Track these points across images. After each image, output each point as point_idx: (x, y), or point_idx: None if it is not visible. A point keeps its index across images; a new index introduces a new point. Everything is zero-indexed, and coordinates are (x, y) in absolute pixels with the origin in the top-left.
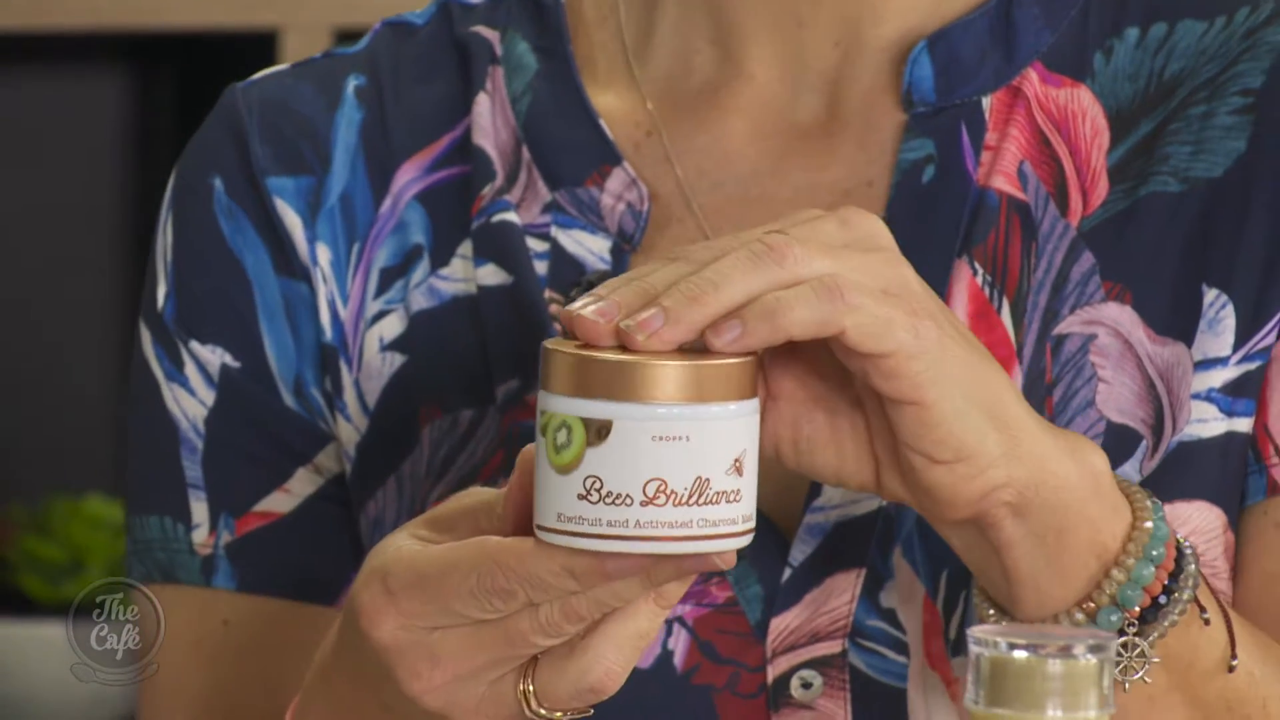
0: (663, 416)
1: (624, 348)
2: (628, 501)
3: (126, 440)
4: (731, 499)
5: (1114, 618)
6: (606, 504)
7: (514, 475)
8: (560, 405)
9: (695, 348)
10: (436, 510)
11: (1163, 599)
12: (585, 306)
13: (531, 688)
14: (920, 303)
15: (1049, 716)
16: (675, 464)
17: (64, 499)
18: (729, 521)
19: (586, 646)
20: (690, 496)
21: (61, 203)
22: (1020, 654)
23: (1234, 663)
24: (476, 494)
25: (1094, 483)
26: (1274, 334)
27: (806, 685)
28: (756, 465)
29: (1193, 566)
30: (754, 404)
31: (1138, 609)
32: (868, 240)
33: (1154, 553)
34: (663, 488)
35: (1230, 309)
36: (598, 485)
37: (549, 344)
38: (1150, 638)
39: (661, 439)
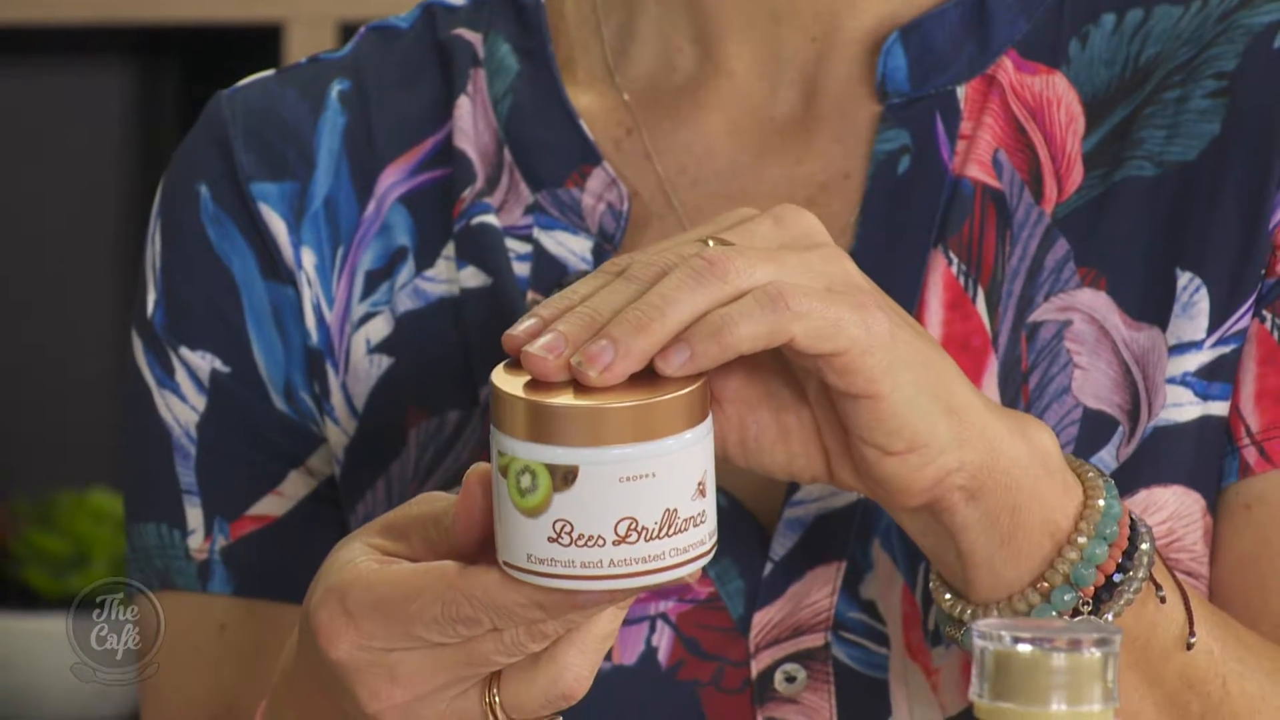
0: (628, 457)
1: (575, 382)
2: (600, 543)
3: (121, 448)
4: (698, 522)
5: (1068, 597)
6: (579, 546)
7: (461, 497)
8: (521, 450)
9: (644, 371)
10: (389, 516)
11: (1117, 577)
12: (533, 340)
13: (498, 699)
14: (866, 295)
15: (1053, 710)
16: (644, 500)
17: (68, 492)
18: (698, 544)
19: (553, 656)
20: (661, 529)
21: (66, 196)
22: (1025, 648)
23: (1192, 640)
24: (428, 501)
25: (1044, 462)
26: (1248, 317)
27: (790, 679)
28: (714, 477)
29: (1146, 545)
30: (709, 422)
31: (1092, 588)
32: (804, 238)
33: (1107, 531)
34: (634, 525)
35: (1204, 292)
36: (568, 529)
37: (498, 382)
38: (1106, 617)
39: (629, 479)
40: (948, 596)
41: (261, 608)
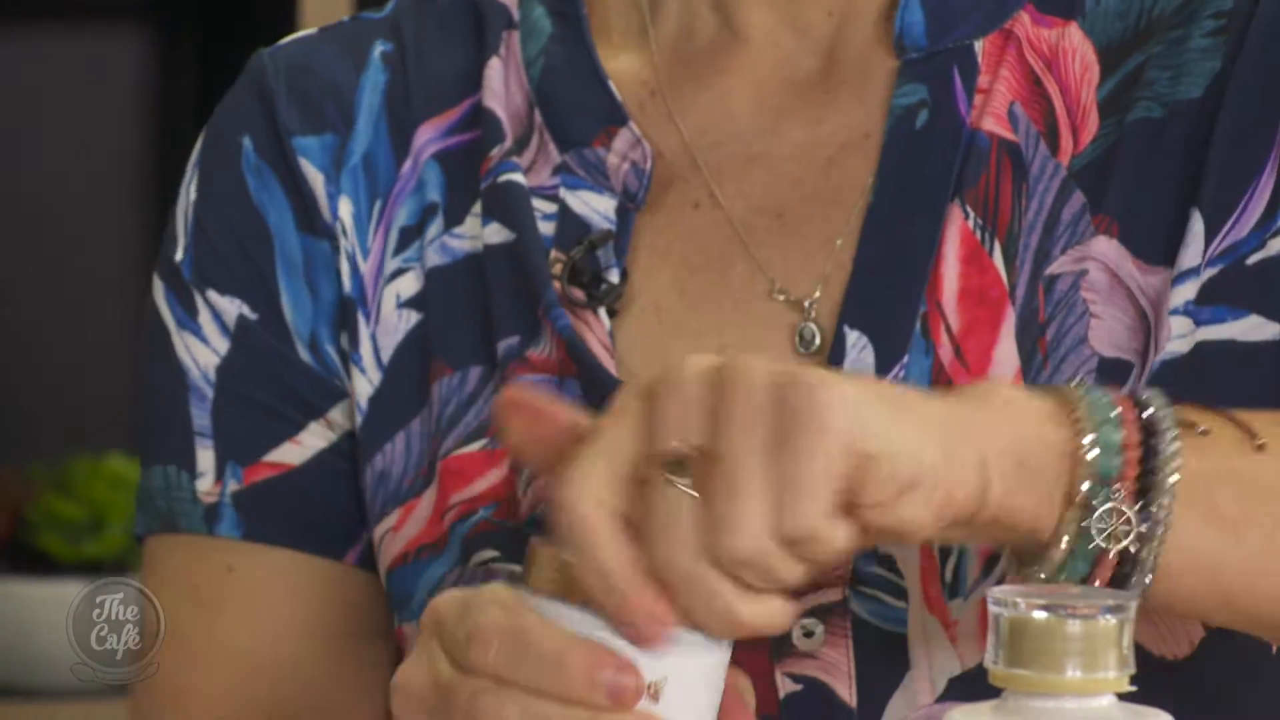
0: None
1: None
2: None
3: (138, 396)
4: None
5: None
6: None
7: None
8: None
9: None
10: None
11: (1154, 440)
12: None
13: None
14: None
15: (1068, 677)
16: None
17: (85, 458)
18: None
19: None
20: None
21: (83, 163)
22: (1040, 615)
23: (1260, 442)
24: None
25: (1018, 413)
26: (1231, 236)
27: (809, 634)
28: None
29: (1157, 409)
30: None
31: (1123, 479)
32: (796, 418)
33: (1111, 415)
34: None
35: (1198, 217)
36: None
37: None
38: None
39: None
40: (1033, 569)
41: (270, 553)
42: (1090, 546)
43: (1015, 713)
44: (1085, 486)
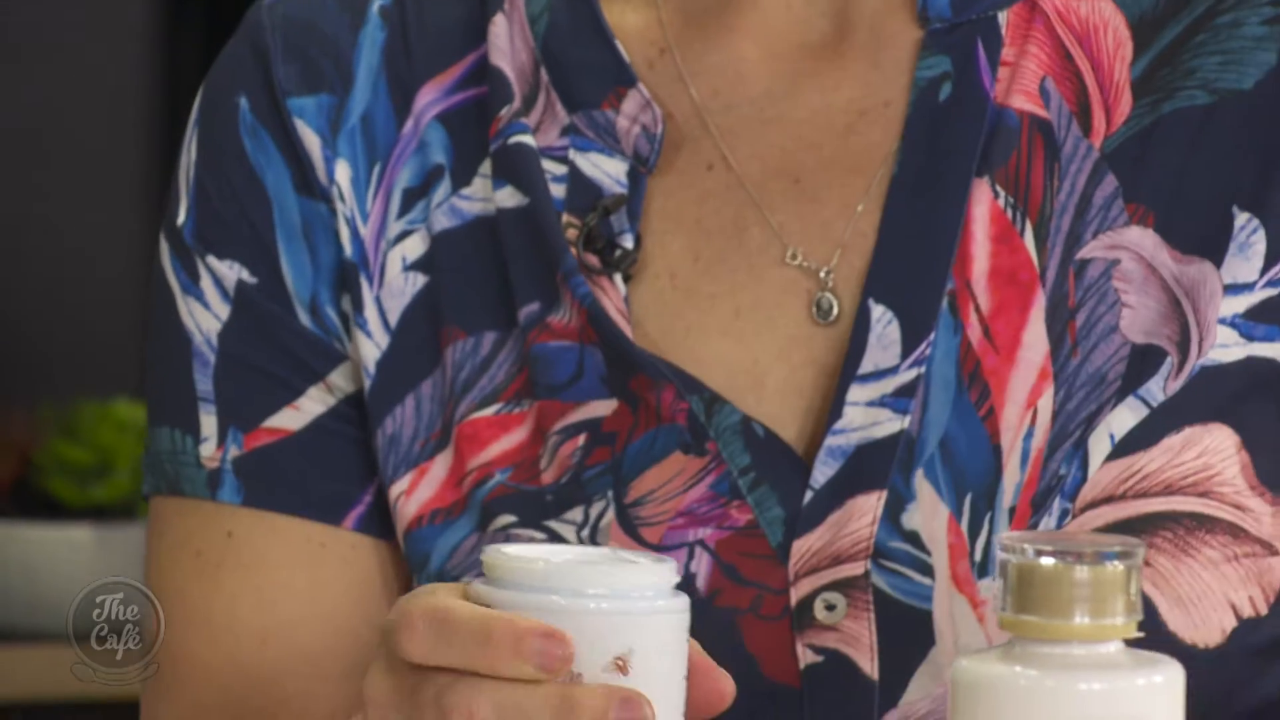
0: None
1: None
2: None
3: (147, 351)
4: None
5: None
6: None
7: None
8: None
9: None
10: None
11: None
12: None
13: None
14: None
15: (1076, 624)
16: None
17: (92, 402)
18: None
19: None
20: None
21: (92, 108)
22: (1047, 561)
23: None
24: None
25: None
26: None
27: (830, 607)
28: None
29: None
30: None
31: None
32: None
33: None
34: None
35: (1261, 234)
36: None
37: None
38: None
39: None
40: None
41: (268, 518)
42: None
43: (1023, 659)
44: None
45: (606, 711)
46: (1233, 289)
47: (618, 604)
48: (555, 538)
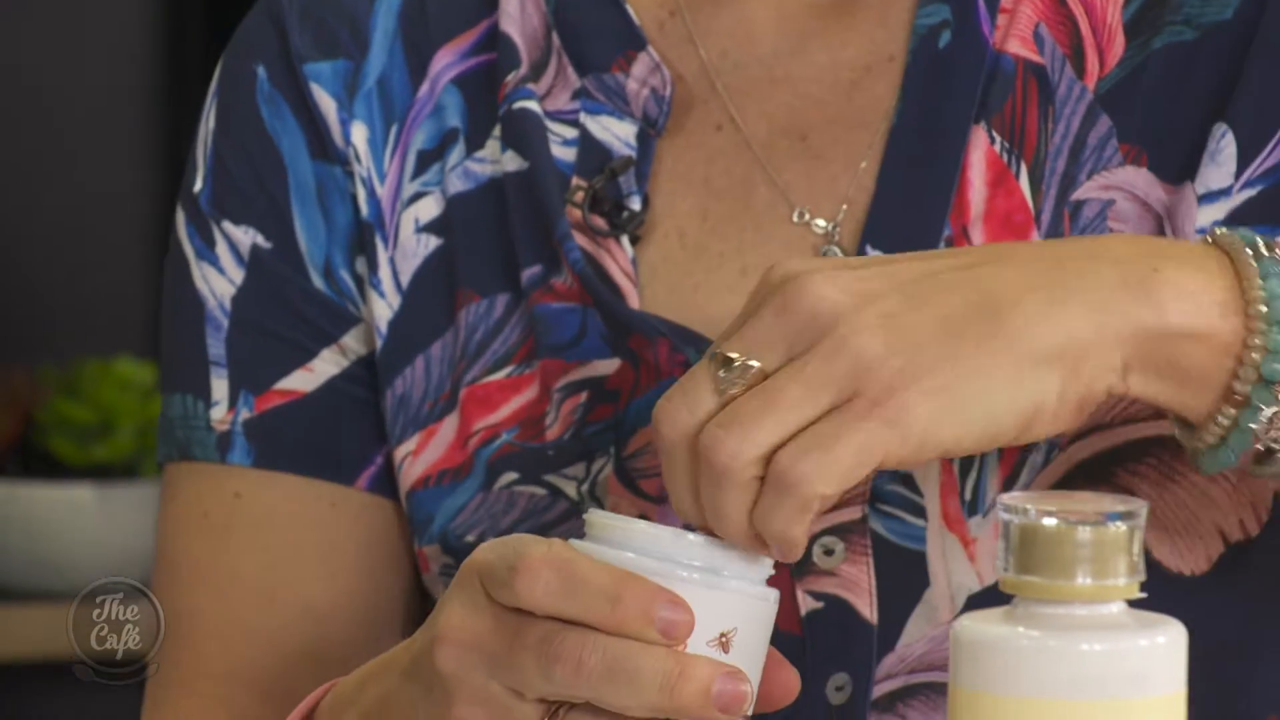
0: None
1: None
2: None
3: (160, 325)
4: None
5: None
6: None
7: None
8: None
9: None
10: None
11: None
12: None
13: None
14: (871, 382)
15: (1078, 584)
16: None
17: (94, 361)
18: None
19: None
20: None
21: (96, 64)
22: (1049, 521)
23: None
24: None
25: (1187, 308)
26: (1273, 158)
27: (829, 552)
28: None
29: None
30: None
31: None
32: (810, 326)
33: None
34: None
35: (1230, 138)
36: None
37: None
38: None
39: None
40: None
41: (280, 479)
42: (1245, 440)
43: (1025, 619)
44: (1250, 390)
45: (711, 683)
46: (1208, 197)
47: (732, 583)
48: (555, 492)
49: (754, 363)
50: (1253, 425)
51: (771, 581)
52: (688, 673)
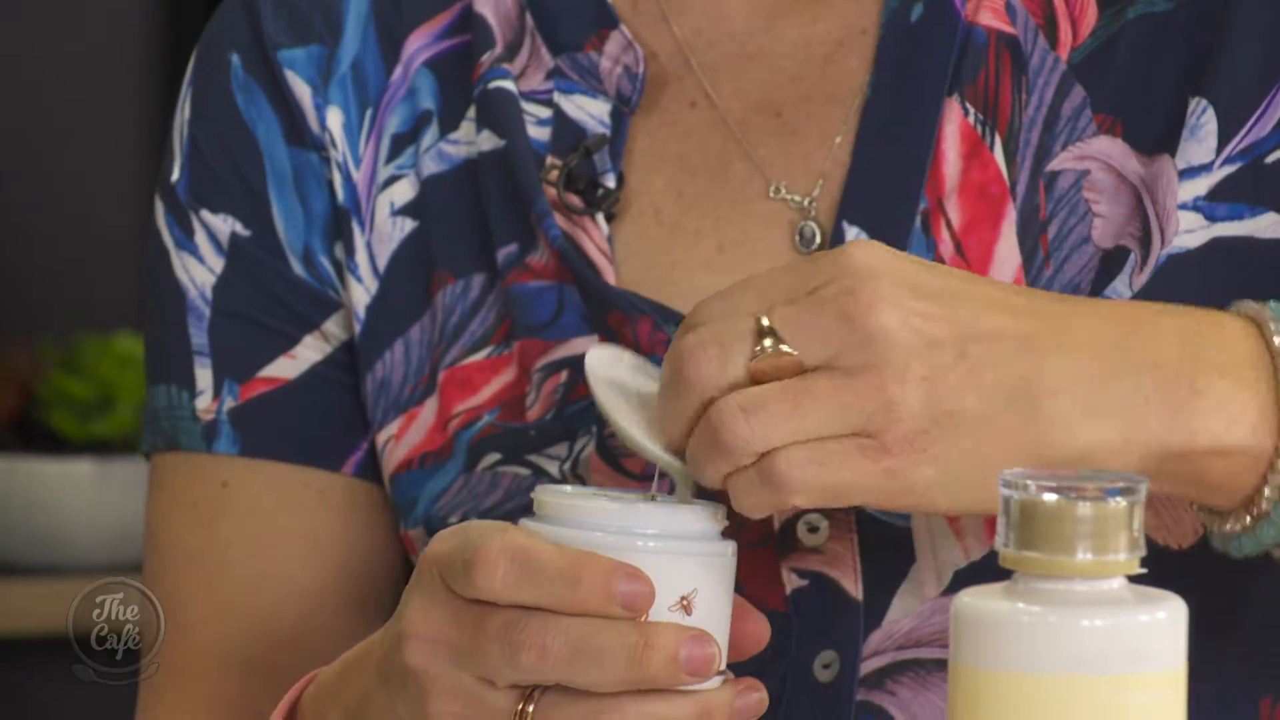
0: None
1: None
2: None
3: (143, 311)
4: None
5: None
6: None
7: None
8: None
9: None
10: None
11: None
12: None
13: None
14: (904, 424)
15: (1079, 560)
16: None
17: (94, 336)
18: None
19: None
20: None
21: (93, 39)
22: (1050, 497)
23: None
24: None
25: (1229, 416)
26: (1253, 134)
27: (814, 529)
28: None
29: None
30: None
31: None
32: (863, 341)
33: None
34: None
35: (1210, 113)
36: None
37: None
38: None
39: None
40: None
41: (266, 467)
42: (1258, 545)
43: (1025, 595)
44: (1273, 507)
45: (678, 648)
46: (1189, 172)
47: (685, 545)
48: (539, 472)
49: (793, 352)
50: (1272, 533)
51: (757, 559)
52: (653, 643)
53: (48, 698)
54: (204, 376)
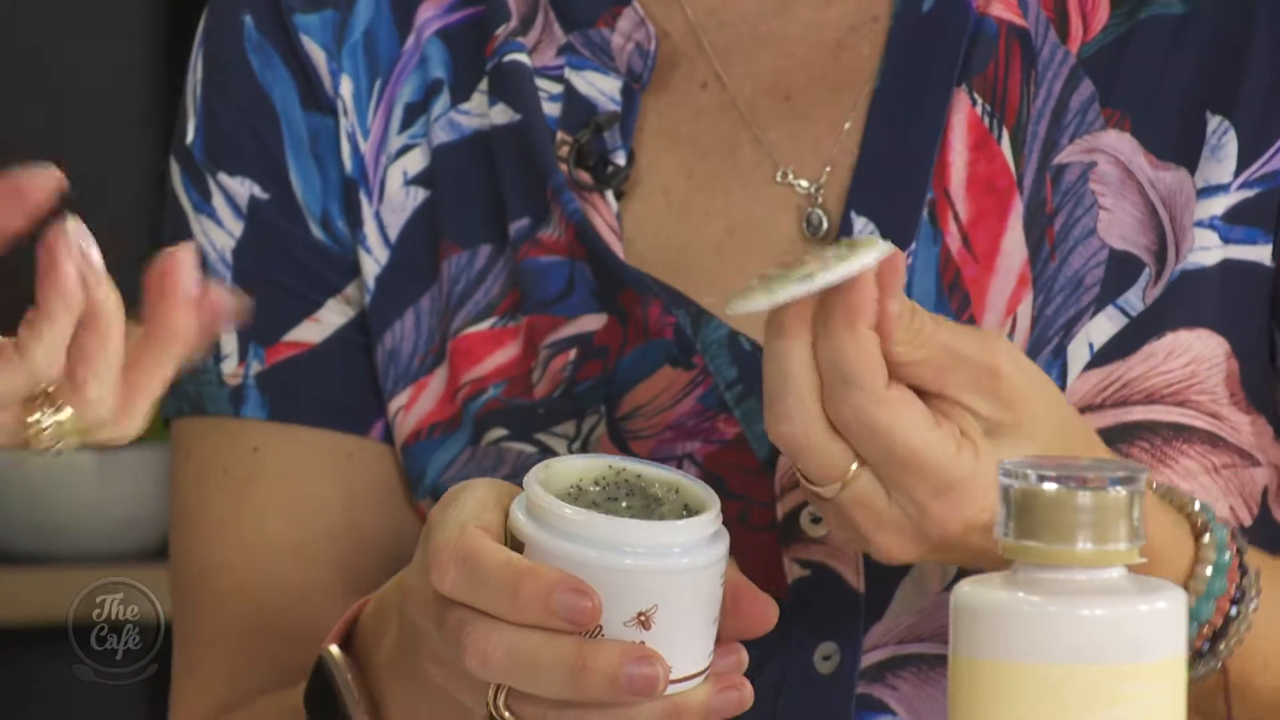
0: None
1: None
2: None
3: None
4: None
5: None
6: None
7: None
8: None
9: None
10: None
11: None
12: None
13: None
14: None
15: (1079, 549)
16: None
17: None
18: None
19: None
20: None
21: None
22: (1050, 486)
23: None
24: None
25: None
26: (1272, 163)
27: (816, 520)
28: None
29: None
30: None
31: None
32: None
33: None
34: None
35: (1232, 135)
36: None
37: None
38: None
39: None
40: None
41: (296, 431)
42: None
43: (1025, 584)
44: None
45: (620, 670)
46: (1207, 191)
47: (649, 561)
48: (545, 450)
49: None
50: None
51: (760, 547)
52: (590, 664)
53: (50, 687)
54: (228, 340)
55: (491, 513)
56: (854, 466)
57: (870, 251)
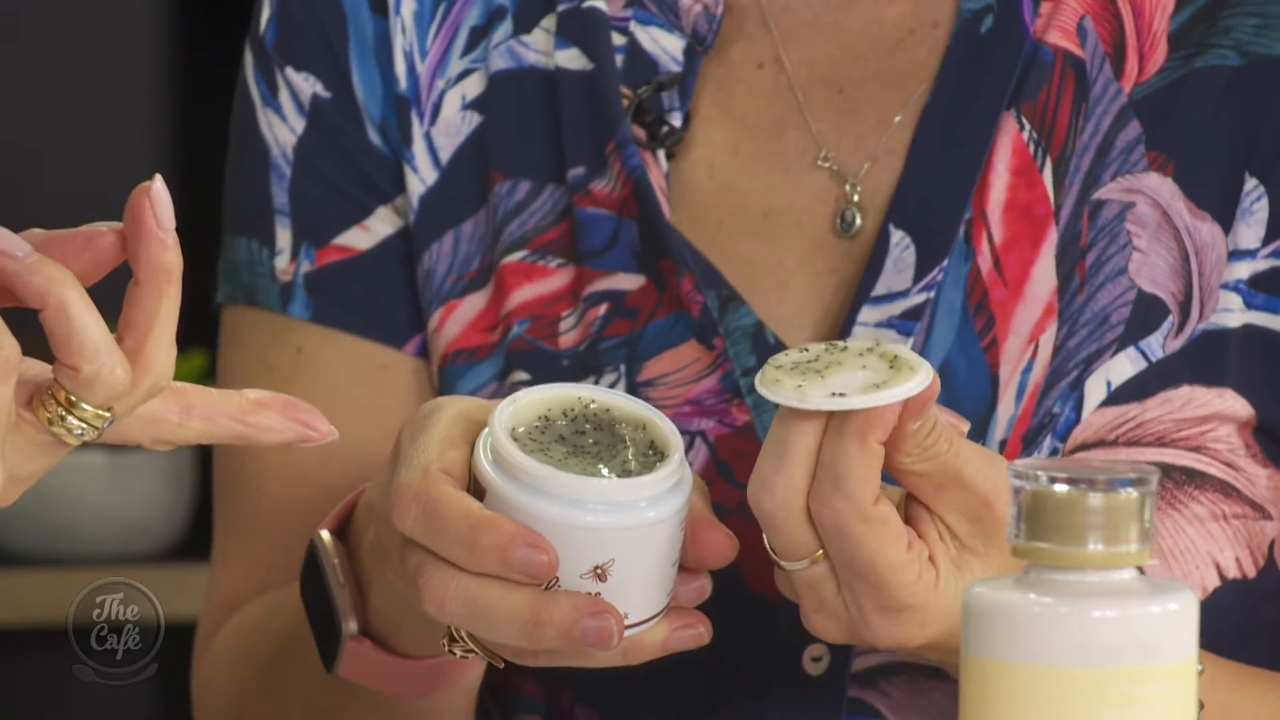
0: None
1: None
2: None
3: (227, 161)
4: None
5: None
6: None
7: None
8: None
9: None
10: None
11: None
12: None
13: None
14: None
15: (1090, 550)
16: None
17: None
18: None
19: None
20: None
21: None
22: (1061, 488)
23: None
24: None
25: None
26: None
27: None
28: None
29: None
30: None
31: None
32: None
33: None
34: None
35: (1265, 201)
36: None
37: None
38: None
39: None
40: None
41: (335, 337)
42: None
43: (1036, 586)
44: None
45: (574, 623)
46: (1236, 255)
47: (608, 518)
48: None
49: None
50: None
51: (745, 532)
52: (543, 617)
53: (50, 687)
54: (284, 236)
55: (457, 449)
56: (818, 553)
57: (907, 384)
